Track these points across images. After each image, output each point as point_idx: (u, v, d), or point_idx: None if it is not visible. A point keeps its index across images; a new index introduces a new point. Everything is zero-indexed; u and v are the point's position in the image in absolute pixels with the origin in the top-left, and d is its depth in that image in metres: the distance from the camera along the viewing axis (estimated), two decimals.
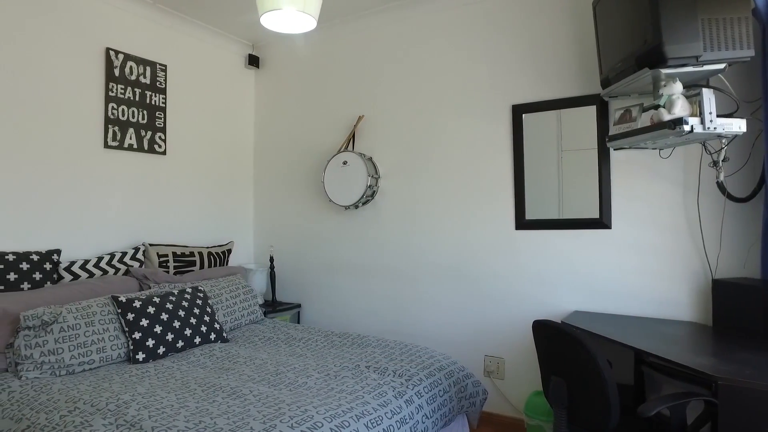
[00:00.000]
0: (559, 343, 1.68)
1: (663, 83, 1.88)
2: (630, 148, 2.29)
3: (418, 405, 1.88)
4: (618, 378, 2.31)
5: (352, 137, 3.29)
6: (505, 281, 2.76)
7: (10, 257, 2.32)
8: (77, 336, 2.10)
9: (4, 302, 2.11)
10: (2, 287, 2.26)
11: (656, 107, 1.89)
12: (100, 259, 2.67)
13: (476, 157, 2.86)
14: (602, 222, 2.47)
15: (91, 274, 2.61)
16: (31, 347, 2.00)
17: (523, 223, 2.70)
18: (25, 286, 2.33)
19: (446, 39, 2.97)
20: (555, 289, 2.61)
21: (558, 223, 2.60)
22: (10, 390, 1.84)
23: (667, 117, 1.83)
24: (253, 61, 3.72)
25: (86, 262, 2.61)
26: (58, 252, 2.52)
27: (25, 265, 2.35)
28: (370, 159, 3.20)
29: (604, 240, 2.49)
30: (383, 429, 1.67)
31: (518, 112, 2.71)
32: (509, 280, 2.74)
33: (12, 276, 2.29)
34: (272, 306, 3.38)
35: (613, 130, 2.21)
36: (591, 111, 2.50)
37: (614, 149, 2.41)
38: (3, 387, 1.87)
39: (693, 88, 1.91)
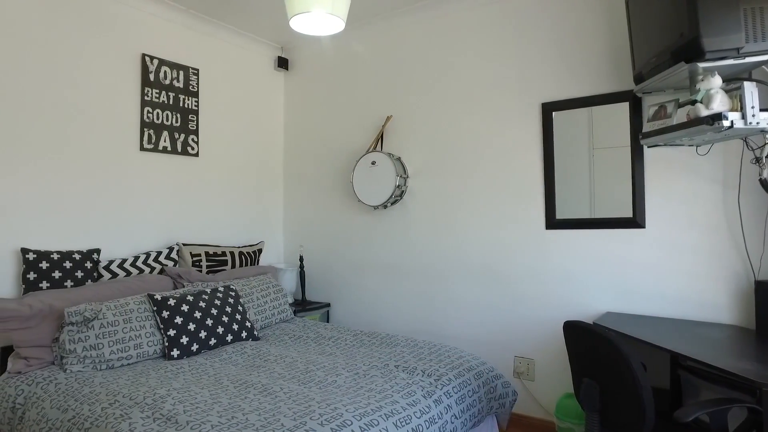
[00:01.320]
0: (591, 345, 1.64)
1: (700, 78, 1.81)
2: (665, 145, 2.22)
3: (447, 405, 1.88)
4: (653, 382, 2.24)
5: (381, 137, 3.30)
6: (535, 281, 2.71)
7: (55, 256, 2.43)
8: (116, 332, 2.19)
9: (50, 298, 2.22)
10: (48, 284, 2.38)
11: (693, 102, 1.82)
12: (136, 258, 2.77)
13: (506, 156, 2.83)
14: (636, 221, 2.40)
15: (128, 273, 2.71)
16: (74, 342, 2.09)
17: (553, 222, 2.65)
18: (69, 283, 2.45)
19: (474, 37, 2.95)
20: (586, 289, 2.56)
21: (590, 222, 2.54)
22: (57, 382, 1.94)
23: (704, 112, 1.77)
24: (283, 63, 3.78)
25: (123, 261, 2.71)
26: (98, 251, 2.63)
27: (68, 264, 2.46)
28: (399, 159, 3.20)
29: (637, 239, 2.42)
30: (412, 428, 1.67)
31: (548, 110, 2.66)
32: (539, 280, 2.70)
33: (57, 274, 2.41)
34: (302, 305, 3.43)
35: (647, 127, 2.15)
36: (623, 108, 2.43)
37: (648, 146, 2.34)
38: (51, 379, 1.97)
39: (733, 81, 1.83)
